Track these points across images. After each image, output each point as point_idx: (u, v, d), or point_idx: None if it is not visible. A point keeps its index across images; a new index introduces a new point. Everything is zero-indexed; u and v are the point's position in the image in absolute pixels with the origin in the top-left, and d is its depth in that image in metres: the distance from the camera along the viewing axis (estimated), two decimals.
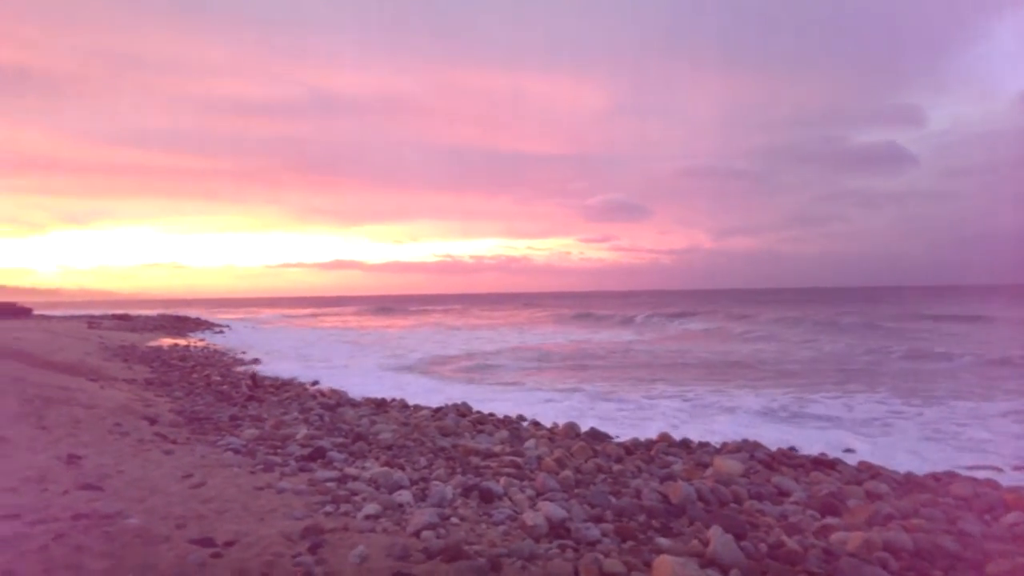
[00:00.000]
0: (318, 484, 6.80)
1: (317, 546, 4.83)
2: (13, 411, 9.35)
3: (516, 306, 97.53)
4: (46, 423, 8.79)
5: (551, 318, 63.97)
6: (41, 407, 9.89)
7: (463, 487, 7.13)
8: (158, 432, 9.21)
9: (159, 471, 6.86)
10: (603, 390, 17.55)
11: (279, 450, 8.67)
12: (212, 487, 6.34)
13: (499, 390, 17.97)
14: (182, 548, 4.61)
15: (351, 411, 12.89)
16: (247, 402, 13.67)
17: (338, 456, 8.46)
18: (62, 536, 4.66)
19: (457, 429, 11.34)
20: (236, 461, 7.70)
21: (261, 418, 11.49)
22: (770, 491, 7.93)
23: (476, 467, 8.51)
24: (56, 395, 11.28)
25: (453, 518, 5.99)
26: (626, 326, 51.85)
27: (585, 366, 24.27)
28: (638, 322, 54.35)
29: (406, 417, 12.48)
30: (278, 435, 9.67)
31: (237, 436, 9.38)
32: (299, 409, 12.85)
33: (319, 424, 11.16)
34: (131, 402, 12.16)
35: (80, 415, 9.69)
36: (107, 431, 8.80)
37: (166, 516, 5.31)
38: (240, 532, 5.04)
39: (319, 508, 5.93)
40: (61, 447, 7.49)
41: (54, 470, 6.43)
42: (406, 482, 7.23)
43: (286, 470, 7.42)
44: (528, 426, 12.38)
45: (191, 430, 9.83)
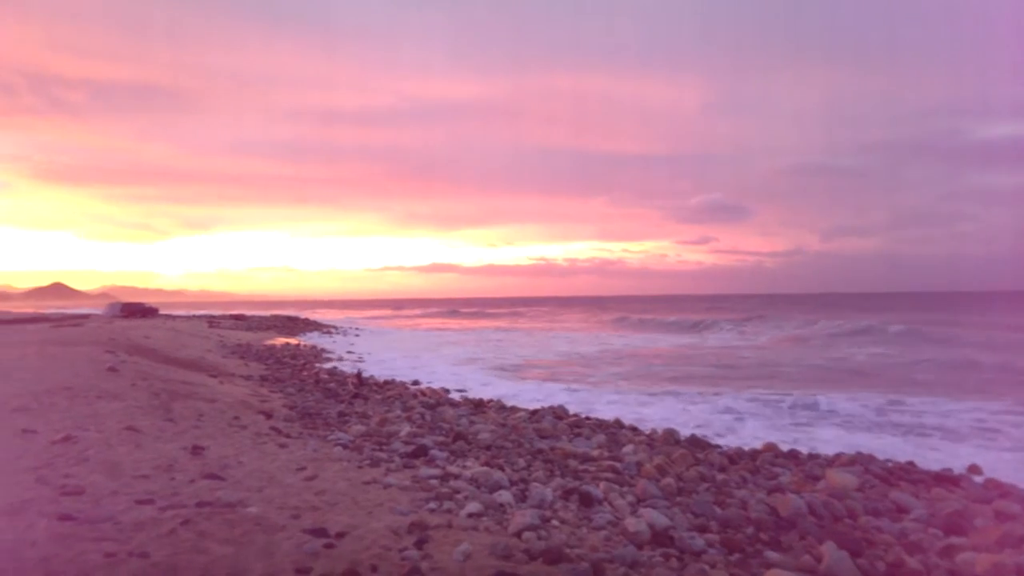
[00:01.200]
0: (422, 481, 6.97)
1: (423, 541, 4.95)
2: (144, 404, 10.11)
3: (610, 309, 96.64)
4: (173, 415, 9.44)
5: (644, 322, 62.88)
6: (168, 400, 10.65)
7: (562, 490, 7.13)
8: (273, 426, 9.72)
9: (275, 463, 7.23)
10: (701, 396, 17.08)
11: (384, 446, 8.96)
12: (324, 480, 6.62)
13: (595, 393, 17.84)
14: (298, 537, 4.84)
15: (450, 410, 13.16)
16: (353, 399, 14.21)
17: (440, 454, 8.65)
18: (189, 522, 4.99)
19: (554, 432, 11.35)
20: (345, 456, 8.02)
21: (367, 415, 11.91)
22: (888, 507, 7.48)
23: (574, 470, 8.49)
24: (181, 390, 12.12)
25: (553, 520, 6.00)
26: (724, 329, 50.25)
27: (682, 371, 23.72)
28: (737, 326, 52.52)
29: (503, 418, 12.61)
30: (383, 432, 10.00)
31: (345, 432, 9.77)
32: (402, 407, 13.24)
33: (421, 422, 11.45)
34: (248, 397, 12.90)
35: (203, 408, 10.36)
36: (227, 424, 9.37)
37: (282, 506, 5.59)
38: (351, 524, 5.23)
39: (423, 504, 6.07)
40: (186, 438, 8.03)
41: (181, 460, 6.89)
42: (506, 482, 7.29)
43: (391, 466, 7.66)
44: (626, 431, 12.22)
45: (303, 425, 10.31)
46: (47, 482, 5.76)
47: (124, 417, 8.69)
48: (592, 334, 48.64)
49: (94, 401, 9.69)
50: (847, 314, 59.50)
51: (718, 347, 36.01)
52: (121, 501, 5.35)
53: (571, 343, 38.71)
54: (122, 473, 6.17)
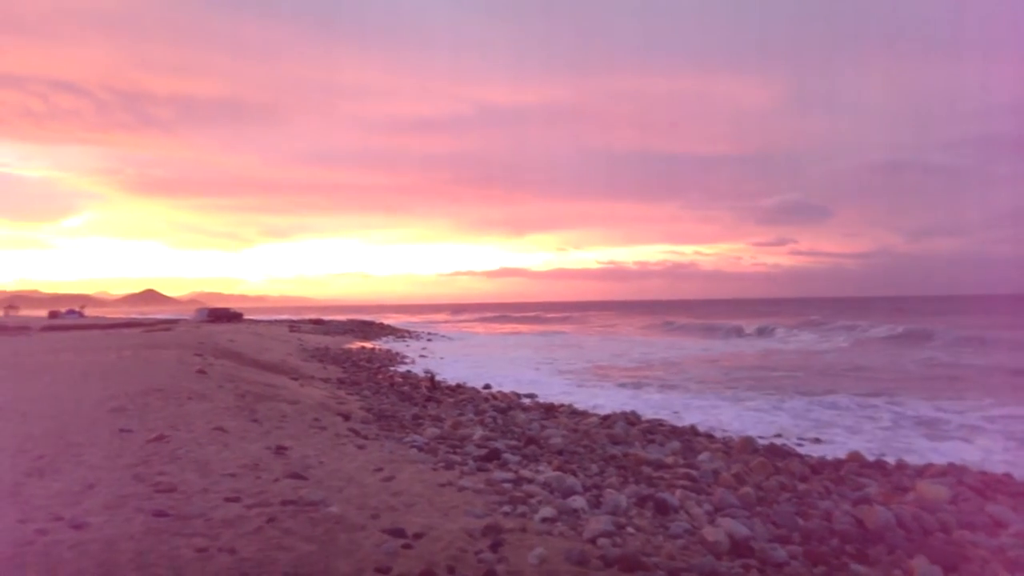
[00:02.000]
0: (495, 484, 7.02)
1: (498, 544, 4.99)
2: (230, 405, 10.56)
3: (682, 312, 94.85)
4: (257, 416, 9.82)
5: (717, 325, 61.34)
6: (253, 402, 11.09)
7: (637, 497, 7.04)
8: (351, 428, 9.99)
9: (354, 464, 7.43)
10: (779, 402, 16.55)
11: (458, 449, 9.07)
12: (401, 481, 6.76)
13: (668, 399, 17.53)
14: (377, 537, 4.95)
15: (522, 415, 13.20)
16: (426, 403, 14.45)
17: (512, 458, 8.69)
18: (274, 520, 5.18)
19: (627, 438, 11.23)
20: (420, 458, 8.16)
21: (440, 418, 12.09)
22: (984, 521, 7.05)
23: (648, 477, 8.38)
24: (265, 392, 12.60)
25: (629, 527, 5.93)
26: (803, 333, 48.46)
27: (760, 376, 23.03)
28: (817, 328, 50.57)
29: (575, 423, 12.57)
30: (456, 435, 10.13)
31: (420, 434, 9.95)
32: (474, 411, 13.38)
33: (493, 426, 11.54)
34: (327, 399, 13.31)
35: (285, 410, 10.74)
36: (308, 425, 9.68)
37: (362, 506, 5.73)
38: (427, 526, 5.32)
39: (497, 508, 6.12)
40: (271, 439, 8.34)
41: (265, 459, 7.16)
42: (579, 488, 7.26)
43: (465, 469, 7.74)
44: (701, 438, 11.96)
45: (379, 427, 10.56)
46: (143, 479, 6.09)
47: (212, 418, 9.11)
48: (663, 338, 47.88)
49: (185, 402, 10.19)
50: (935, 318, 56.43)
51: (798, 351, 34.84)
52: (211, 498, 5.60)
53: (641, 347, 38.22)
54: (211, 471, 6.46)
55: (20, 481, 5.98)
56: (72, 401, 10.01)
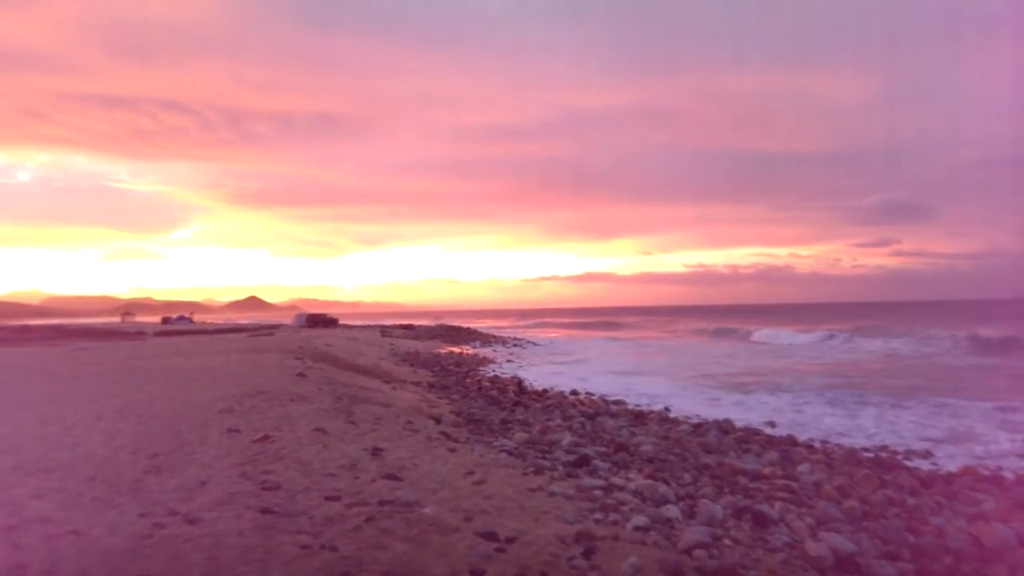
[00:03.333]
0: (586, 491, 6.97)
1: (590, 552, 4.95)
2: (329, 407, 10.96)
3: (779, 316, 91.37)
4: (354, 418, 10.15)
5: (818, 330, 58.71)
6: (349, 404, 11.47)
7: (734, 508, 6.84)
8: (442, 431, 10.17)
9: (446, 467, 7.56)
10: (885, 410, 15.66)
11: (547, 455, 9.07)
12: (492, 485, 6.82)
13: (763, 406, 16.92)
14: (470, 540, 5.02)
15: (610, 421, 13.08)
16: (514, 407, 14.54)
17: (602, 465, 8.62)
18: (372, 519, 5.33)
19: (720, 447, 10.93)
20: (510, 462, 8.22)
21: (528, 423, 12.13)
22: None
23: (745, 488, 8.12)
24: (360, 394, 13.02)
25: (726, 539, 5.76)
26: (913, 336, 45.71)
27: (867, 381, 21.89)
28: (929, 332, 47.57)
29: (666, 431, 12.33)
30: (545, 440, 10.14)
31: (509, 439, 10.02)
32: (561, 416, 13.35)
33: (581, 432, 11.48)
34: (419, 403, 13.61)
35: (380, 413, 11.05)
36: (402, 428, 9.93)
37: (455, 509, 5.83)
38: (519, 530, 5.35)
39: (589, 514, 6.07)
40: (367, 440, 8.60)
41: (363, 460, 7.39)
42: (672, 497, 7.12)
43: (555, 474, 7.74)
44: (800, 448, 11.49)
45: (469, 430, 10.71)
46: (250, 477, 6.40)
47: (313, 419, 9.48)
48: (760, 342, 46.29)
49: (287, 404, 10.66)
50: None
51: (907, 355, 32.90)
52: (313, 497, 5.83)
53: (735, 352, 37.08)
54: (312, 471, 6.72)
55: (139, 478, 6.42)
56: (184, 402, 10.66)
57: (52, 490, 6.04)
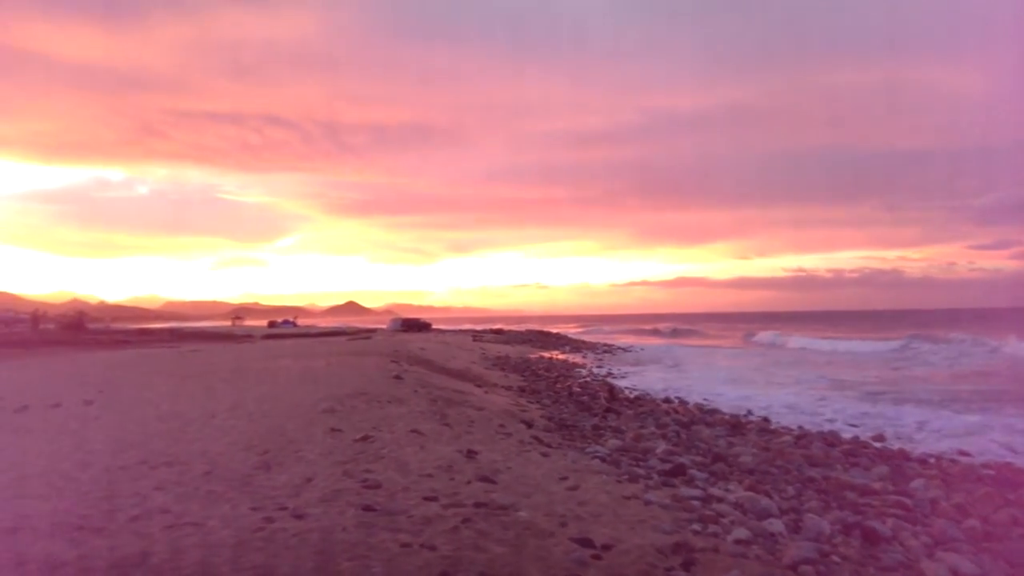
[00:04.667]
0: (682, 501, 6.82)
1: (689, 563, 4.83)
2: (424, 409, 11.21)
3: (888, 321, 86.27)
4: (448, 421, 10.34)
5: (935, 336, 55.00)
6: (444, 407, 11.69)
7: (842, 523, 6.51)
8: (535, 435, 10.20)
9: (539, 471, 7.58)
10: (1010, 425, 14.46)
11: (641, 462, 8.94)
12: (585, 491, 6.78)
13: (870, 416, 16.01)
14: (566, 545, 5.00)
15: (706, 430, 12.74)
16: (606, 413, 14.40)
17: (699, 475, 8.40)
18: (469, 520, 5.41)
19: (826, 459, 10.44)
20: (603, 469, 8.14)
21: (620, 430, 11.99)
22: None
23: (853, 503, 7.73)
24: (454, 397, 13.25)
25: (834, 556, 5.50)
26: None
27: (988, 392, 20.33)
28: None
29: (766, 441, 11.89)
30: (638, 448, 9.99)
31: (601, 445, 9.93)
32: (655, 424, 13.11)
33: (676, 440, 11.24)
34: (510, 407, 13.71)
35: (473, 416, 11.21)
36: (494, 431, 10.03)
37: (549, 513, 5.82)
38: (614, 538, 5.28)
39: (686, 525, 5.93)
40: (461, 442, 8.73)
41: (458, 462, 7.51)
42: (775, 510, 6.86)
43: (649, 483, 7.61)
44: (912, 463, 10.80)
45: (561, 436, 10.69)
46: (352, 476, 6.63)
47: (409, 421, 9.73)
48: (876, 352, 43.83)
49: (385, 405, 10.98)
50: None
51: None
52: (411, 497, 5.97)
53: (837, 359, 35.29)
54: (410, 471, 6.89)
55: (250, 473, 6.77)
56: (290, 402, 11.17)
57: (172, 483, 6.46)
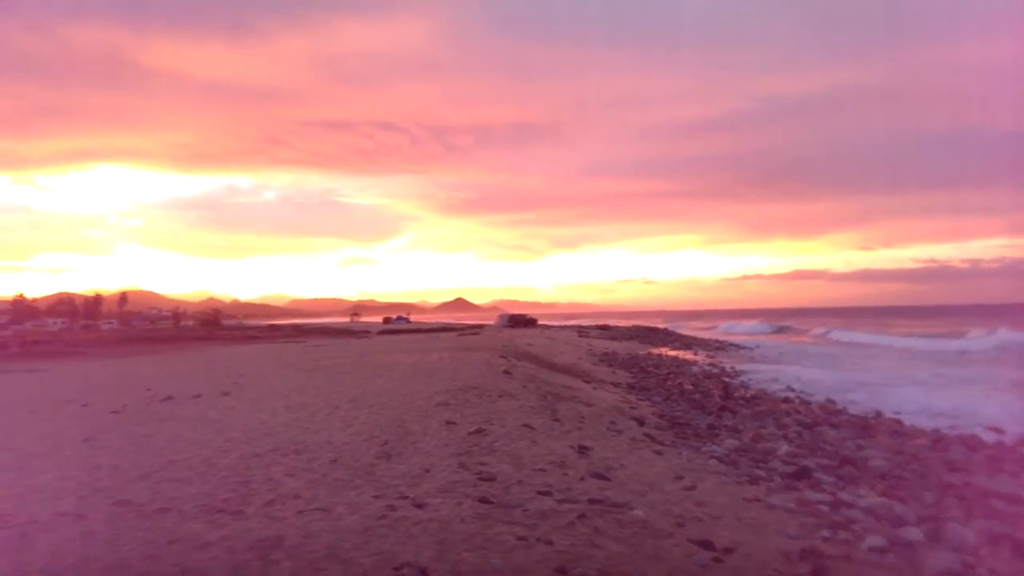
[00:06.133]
0: (808, 505, 6.50)
1: (820, 571, 4.59)
2: (534, 404, 11.27)
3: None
4: (559, 416, 10.34)
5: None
6: (553, 402, 11.71)
7: (989, 534, 5.99)
8: (647, 433, 10.03)
9: (653, 469, 7.44)
10: None
11: (761, 464, 8.59)
12: (703, 492, 6.60)
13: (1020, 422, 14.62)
14: (684, 546, 4.88)
15: (831, 431, 12.09)
16: (721, 412, 13.94)
17: (826, 478, 7.99)
18: (584, 516, 5.38)
19: (967, 465, 9.64)
20: (721, 469, 7.89)
21: (737, 429, 11.58)
22: None
23: (1001, 513, 7.07)
24: (563, 392, 13.25)
25: (979, 568, 5.08)
26: None
27: None
28: None
29: (898, 444, 11.13)
30: (758, 448, 9.61)
31: (718, 445, 9.63)
32: (775, 424, 12.57)
33: (799, 441, 10.72)
34: (619, 403, 13.56)
35: (582, 411, 11.16)
36: (605, 428, 9.94)
37: (666, 513, 5.71)
38: (736, 541, 5.10)
39: (814, 531, 5.65)
40: (571, 438, 8.71)
41: (570, 458, 7.50)
42: (911, 517, 6.41)
43: (772, 485, 7.30)
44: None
45: (674, 434, 10.45)
46: (467, 468, 6.76)
47: (520, 415, 9.81)
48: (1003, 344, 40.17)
49: (496, 399, 11.13)
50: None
51: None
52: (526, 490, 6.02)
53: (975, 355, 32.49)
54: (523, 465, 6.94)
55: (372, 463, 7.05)
56: (407, 395, 11.54)
57: (301, 470, 6.83)
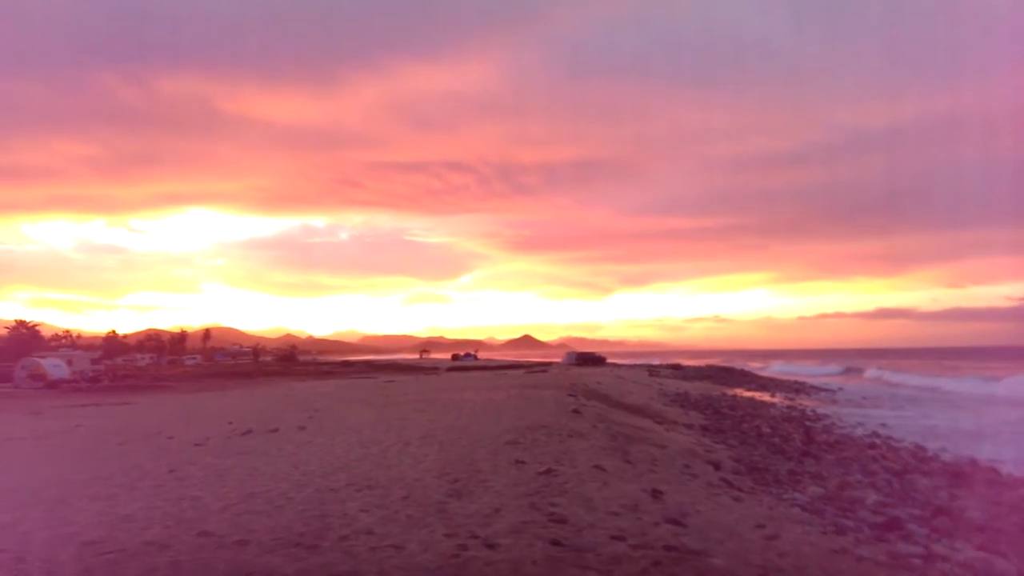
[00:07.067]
0: (900, 558, 6.12)
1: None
2: (604, 444, 11.07)
3: None
4: (630, 458, 10.11)
5: None
6: (624, 443, 11.47)
7: None
8: (723, 478, 9.67)
9: (731, 516, 7.15)
10: None
11: (848, 513, 8.15)
12: (785, 541, 6.29)
13: None
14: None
15: (923, 479, 11.39)
16: (802, 457, 13.35)
17: (918, 530, 7.51)
18: (659, 564, 5.20)
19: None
20: (804, 518, 7.53)
21: (821, 476, 11.05)
22: None
23: None
24: (634, 434, 12.97)
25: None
26: None
27: None
28: None
29: (996, 494, 10.37)
30: (844, 497, 9.13)
31: (800, 492, 9.20)
32: (861, 471, 11.94)
33: (888, 490, 10.14)
34: (693, 446, 13.15)
35: (655, 454, 10.88)
36: (679, 471, 9.65)
37: (746, 563, 5.46)
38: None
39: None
40: (644, 481, 8.48)
41: (644, 502, 7.29)
42: (1012, 573, 5.93)
43: (860, 536, 6.91)
44: None
45: (753, 479, 10.05)
46: (538, 508, 6.67)
47: (590, 456, 9.65)
48: None
49: (565, 439, 11.00)
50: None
51: None
52: (598, 534, 5.87)
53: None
54: (595, 508, 6.79)
55: (443, 500, 7.05)
56: (476, 433, 11.54)
57: (374, 506, 6.89)
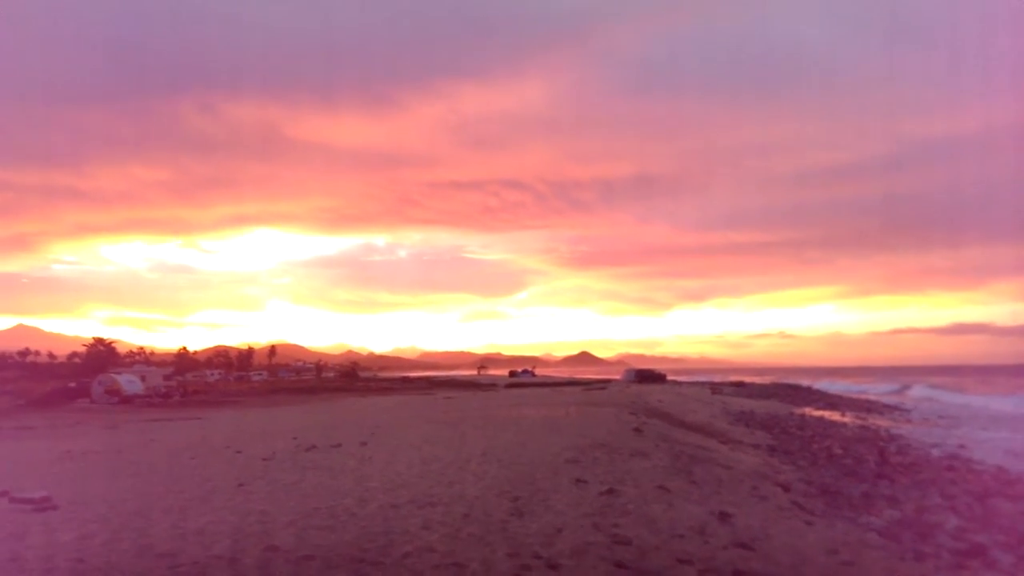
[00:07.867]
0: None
1: None
2: (667, 464, 10.87)
3: None
4: (695, 478, 9.90)
5: None
6: (688, 463, 11.24)
7: None
8: (794, 500, 9.36)
9: (803, 541, 6.91)
10: None
11: (927, 539, 7.76)
12: (862, 568, 6.05)
13: None
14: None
15: (1007, 504, 10.75)
16: (876, 480, 12.79)
17: (1004, 557, 7.10)
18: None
19: None
20: (880, 544, 7.21)
21: (896, 499, 10.57)
22: None
23: None
24: (698, 454, 12.70)
25: None
26: None
27: None
28: None
29: None
30: (922, 521, 8.71)
31: (876, 516, 8.83)
32: (940, 494, 11.36)
33: (969, 515, 9.62)
34: (760, 467, 12.78)
35: (720, 475, 10.62)
36: (747, 493, 9.38)
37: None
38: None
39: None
40: (711, 503, 8.28)
41: (711, 524, 7.11)
42: None
43: (940, 563, 6.60)
44: None
45: (825, 502, 9.69)
46: (600, 529, 6.58)
47: (654, 476, 9.48)
48: None
49: (627, 458, 10.85)
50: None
51: None
52: (663, 557, 5.76)
53: None
54: (660, 530, 6.67)
55: (505, 519, 7.02)
56: (536, 450, 11.50)
57: (436, 523, 6.92)
